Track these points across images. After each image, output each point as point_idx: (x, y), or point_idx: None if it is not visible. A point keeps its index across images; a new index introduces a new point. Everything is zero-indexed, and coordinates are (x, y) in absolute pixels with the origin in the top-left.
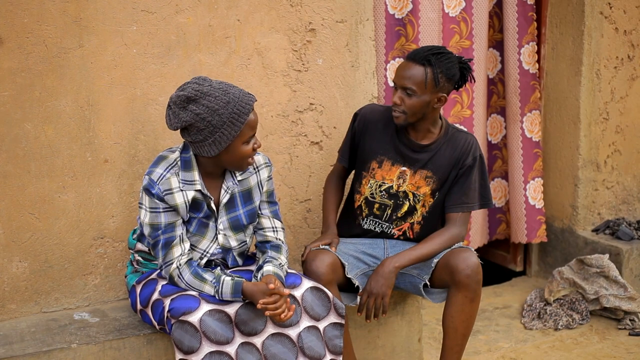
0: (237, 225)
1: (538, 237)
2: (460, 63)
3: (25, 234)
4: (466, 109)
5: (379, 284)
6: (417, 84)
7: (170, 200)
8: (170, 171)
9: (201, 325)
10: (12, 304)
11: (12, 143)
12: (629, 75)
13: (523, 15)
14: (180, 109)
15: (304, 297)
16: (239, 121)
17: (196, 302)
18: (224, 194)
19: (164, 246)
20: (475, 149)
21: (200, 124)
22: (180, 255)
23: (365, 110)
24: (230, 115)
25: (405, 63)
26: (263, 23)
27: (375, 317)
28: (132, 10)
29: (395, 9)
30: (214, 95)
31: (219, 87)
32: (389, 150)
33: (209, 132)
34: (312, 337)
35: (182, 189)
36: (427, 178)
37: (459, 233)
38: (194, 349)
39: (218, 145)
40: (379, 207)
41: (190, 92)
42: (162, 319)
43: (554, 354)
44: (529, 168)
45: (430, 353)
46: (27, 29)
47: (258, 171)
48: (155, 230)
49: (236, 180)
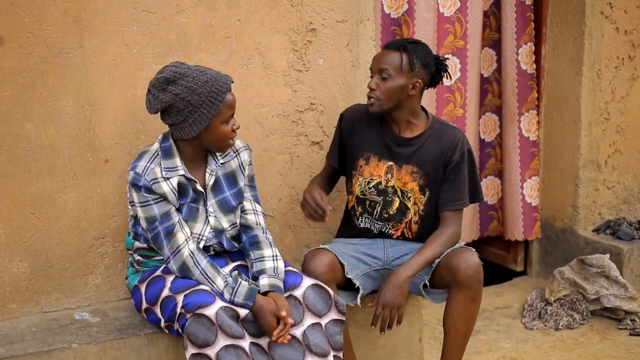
0: (226, 206)
1: (533, 234)
2: (436, 59)
3: (25, 233)
4: (459, 108)
5: (394, 295)
6: (393, 67)
7: (157, 189)
8: (153, 162)
9: (217, 319)
10: (12, 304)
11: (12, 143)
12: (629, 75)
13: (521, 16)
14: (159, 91)
15: (305, 295)
16: (218, 99)
17: (211, 296)
18: (209, 177)
19: (166, 236)
20: (463, 144)
21: (180, 104)
22: (186, 241)
23: (351, 110)
24: (208, 94)
25: (381, 51)
26: (264, 23)
27: (389, 328)
28: (133, 10)
29: (391, 8)
30: (192, 76)
31: (196, 68)
32: (375, 145)
33: (188, 112)
34: (317, 334)
35: (166, 178)
36: (412, 173)
37: (457, 231)
38: (210, 342)
39: (198, 125)
40: (369, 204)
41: (168, 74)
42: (172, 315)
43: (555, 354)
44: (526, 167)
45: (431, 353)
46: (28, 29)
47: (238, 154)
48: (152, 222)
49: (219, 162)
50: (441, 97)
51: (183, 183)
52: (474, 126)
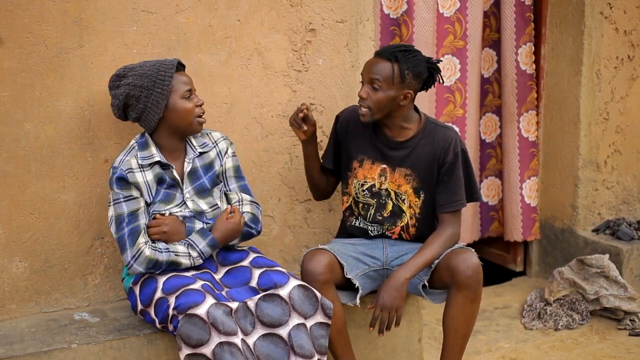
0: (201, 189)
1: (532, 234)
2: (428, 63)
3: (25, 233)
4: (459, 108)
5: (393, 297)
6: (384, 78)
7: (131, 178)
8: (129, 154)
9: (209, 317)
10: (12, 304)
11: (12, 143)
12: (629, 75)
13: (521, 16)
14: (116, 89)
15: (291, 295)
16: (167, 75)
17: (201, 295)
18: (187, 165)
19: (130, 236)
20: (456, 144)
21: (136, 91)
22: (145, 243)
23: (346, 113)
24: (157, 74)
25: (373, 59)
26: (263, 23)
27: (387, 330)
28: (133, 11)
29: (391, 9)
30: (138, 66)
31: (141, 62)
32: (368, 149)
33: (145, 96)
34: (302, 335)
35: (142, 167)
36: (406, 176)
37: (455, 232)
38: (204, 341)
39: (157, 105)
40: (362, 207)
41: (118, 71)
42: (165, 317)
43: (554, 354)
44: (525, 167)
45: (431, 353)
46: (28, 29)
47: (217, 144)
48: (120, 223)
49: (197, 151)
50: (441, 97)
51: (160, 173)
52: (474, 126)
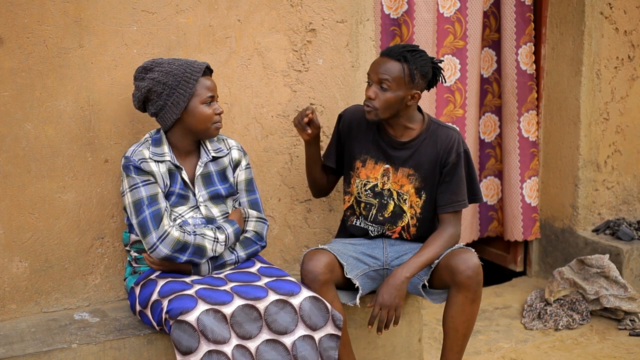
0: (216, 196)
1: (533, 234)
2: (432, 63)
3: (25, 234)
4: (459, 109)
5: (392, 296)
6: (394, 78)
7: (145, 167)
8: (141, 146)
9: (198, 324)
10: (12, 304)
11: (12, 143)
12: (629, 76)
13: (521, 16)
14: (139, 81)
15: (302, 306)
16: (193, 78)
17: (193, 301)
18: (199, 168)
19: (153, 219)
20: (459, 144)
21: (158, 88)
22: (171, 225)
23: (349, 112)
24: (183, 74)
25: (381, 59)
26: (263, 23)
27: (386, 328)
28: (133, 11)
29: (391, 9)
30: (166, 62)
31: (171, 58)
32: (371, 148)
33: (167, 94)
34: (306, 347)
35: (153, 159)
36: (409, 176)
37: (456, 232)
38: (192, 349)
39: (177, 106)
40: (364, 207)
41: (145, 64)
42: (160, 320)
43: (555, 354)
44: (526, 167)
45: (431, 353)
46: (28, 29)
47: (230, 151)
48: (139, 207)
49: (210, 154)
50: (441, 97)
51: (172, 170)
52: (473, 126)
